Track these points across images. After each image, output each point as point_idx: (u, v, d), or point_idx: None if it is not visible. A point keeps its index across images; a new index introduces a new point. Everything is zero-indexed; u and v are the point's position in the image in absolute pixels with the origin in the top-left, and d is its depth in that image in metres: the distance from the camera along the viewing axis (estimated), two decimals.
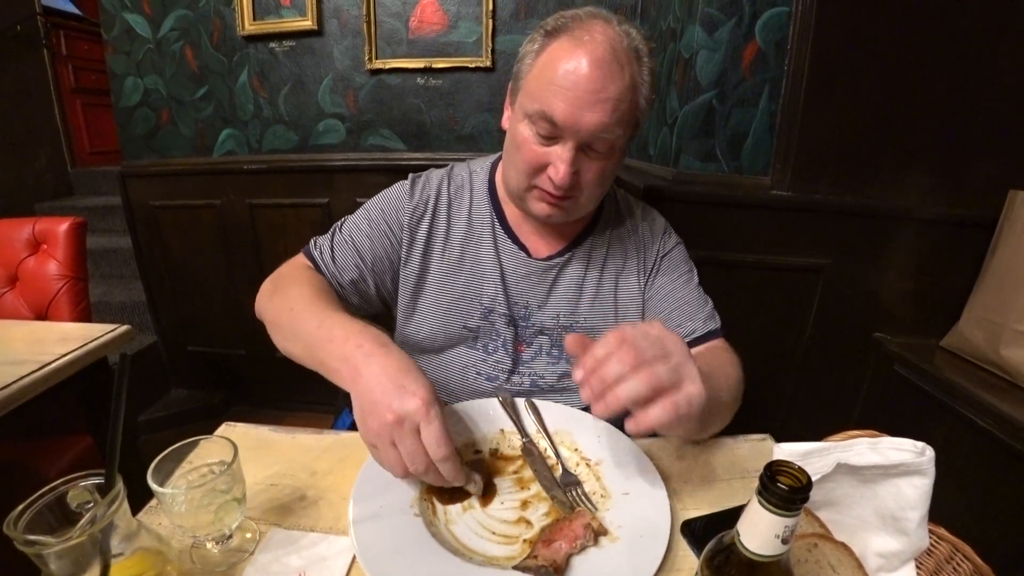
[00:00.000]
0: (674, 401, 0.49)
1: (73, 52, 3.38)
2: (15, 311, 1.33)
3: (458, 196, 0.86)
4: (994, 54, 1.12)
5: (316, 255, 0.83)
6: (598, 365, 0.50)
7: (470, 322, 0.83)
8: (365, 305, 0.87)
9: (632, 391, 0.48)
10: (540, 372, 0.83)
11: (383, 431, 0.52)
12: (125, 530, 0.40)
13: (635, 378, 0.48)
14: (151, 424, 2.17)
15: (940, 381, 1.12)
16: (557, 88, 0.67)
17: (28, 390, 0.85)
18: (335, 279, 0.82)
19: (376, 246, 0.82)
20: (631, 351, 0.49)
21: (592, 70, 0.66)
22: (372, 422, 0.53)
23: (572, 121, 0.67)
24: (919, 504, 0.48)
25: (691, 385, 0.50)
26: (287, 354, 0.70)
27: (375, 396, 0.53)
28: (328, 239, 0.84)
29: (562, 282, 0.84)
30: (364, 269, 0.82)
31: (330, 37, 1.83)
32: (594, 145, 0.70)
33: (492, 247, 0.84)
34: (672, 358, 0.50)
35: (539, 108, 0.68)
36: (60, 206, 3.06)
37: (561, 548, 0.49)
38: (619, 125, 0.69)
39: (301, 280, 0.76)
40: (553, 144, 0.71)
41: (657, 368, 0.49)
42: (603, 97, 0.67)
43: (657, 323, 0.54)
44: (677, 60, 1.30)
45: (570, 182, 0.71)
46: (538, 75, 0.70)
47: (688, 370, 0.51)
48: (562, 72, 0.67)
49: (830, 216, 1.23)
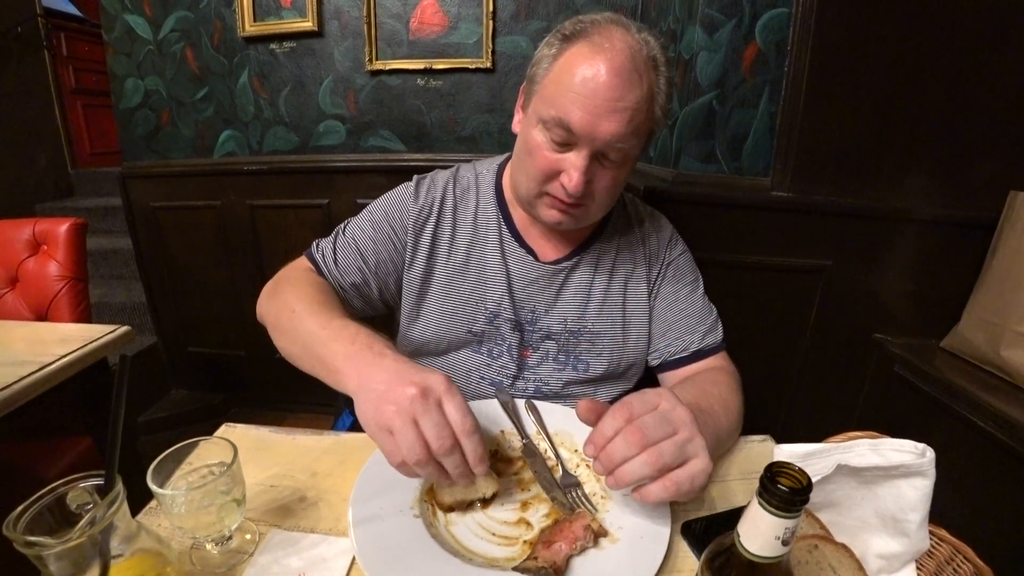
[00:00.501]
0: (676, 480, 0.50)
1: (74, 53, 3.39)
2: (15, 312, 1.33)
3: (464, 199, 0.85)
4: (994, 55, 1.12)
5: (318, 258, 0.82)
6: (606, 443, 0.51)
7: (475, 326, 0.82)
8: (367, 308, 0.86)
9: (637, 473, 0.50)
10: (545, 378, 0.83)
11: (404, 405, 0.49)
12: (125, 531, 0.40)
13: (640, 460, 0.50)
14: (151, 425, 2.16)
15: (940, 382, 1.12)
16: (575, 95, 0.66)
17: (28, 391, 0.84)
18: (337, 282, 0.81)
19: (379, 249, 0.82)
20: (637, 432, 0.50)
21: (611, 78, 0.65)
22: (391, 400, 0.50)
23: (589, 129, 0.66)
24: (920, 505, 0.48)
25: (696, 462, 0.51)
26: (287, 356, 0.69)
27: (392, 381, 0.52)
28: (331, 242, 0.84)
29: (569, 287, 0.84)
30: (367, 272, 0.81)
31: (330, 38, 1.83)
32: (608, 154, 0.69)
33: (498, 251, 0.83)
34: (679, 434, 0.51)
35: (555, 115, 0.67)
36: (60, 207, 3.06)
37: (561, 549, 0.49)
38: (635, 135, 0.69)
39: (303, 282, 0.75)
40: (567, 151, 0.70)
41: (663, 448, 0.50)
42: (621, 106, 0.65)
43: (666, 394, 0.54)
44: (677, 61, 1.30)
45: (583, 190, 0.70)
46: (555, 80, 0.69)
47: (694, 447, 0.51)
48: (580, 79, 0.65)
49: (830, 217, 1.23)
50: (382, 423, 0.50)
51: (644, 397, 0.54)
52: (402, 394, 0.50)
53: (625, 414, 0.52)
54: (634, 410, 0.52)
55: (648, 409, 0.53)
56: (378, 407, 0.51)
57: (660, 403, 0.53)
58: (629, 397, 0.55)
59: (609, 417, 0.53)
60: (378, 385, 0.52)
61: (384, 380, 0.52)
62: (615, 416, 0.52)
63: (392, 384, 0.51)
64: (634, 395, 0.55)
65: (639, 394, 0.55)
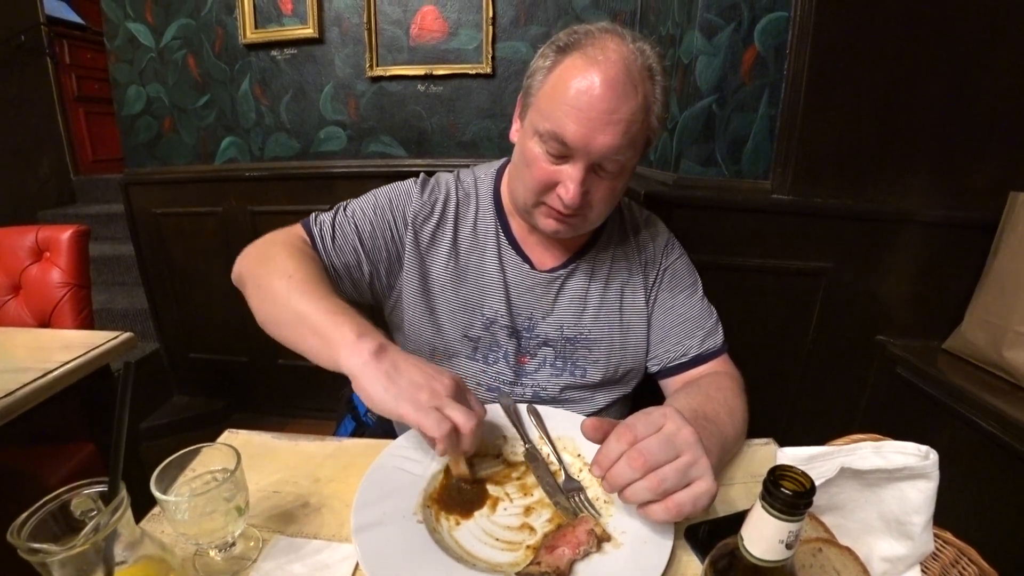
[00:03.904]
0: (678, 503, 0.50)
1: (76, 61, 3.41)
2: (18, 319, 1.33)
3: (466, 203, 0.85)
4: (992, 57, 1.13)
5: (315, 231, 0.80)
6: (611, 465, 0.52)
7: (471, 332, 0.82)
8: (355, 294, 0.84)
9: (640, 497, 0.50)
10: (543, 384, 0.83)
11: (423, 399, 0.55)
12: (128, 538, 0.40)
13: (642, 485, 0.50)
14: (153, 431, 2.16)
15: (943, 384, 1.12)
16: (569, 108, 0.65)
17: (31, 398, 0.85)
18: (330, 260, 0.79)
19: (377, 233, 0.80)
20: (640, 457, 0.50)
21: (605, 90, 0.64)
22: (426, 387, 0.56)
23: (584, 143, 0.66)
24: (924, 508, 0.48)
25: (700, 484, 0.51)
26: (266, 319, 0.69)
27: (423, 368, 0.58)
28: (330, 217, 0.82)
29: (566, 294, 0.84)
30: (361, 254, 0.80)
31: (331, 45, 1.84)
32: (605, 165, 0.69)
33: (496, 258, 0.83)
34: (683, 457, 0.51)
35: (550, 128, 0.67)
36: (63, 214, 3.08)
37: (564, 554, 0.49)
38: (631, 146, 0.68)
39: (298, 251, 0.74)
40: (563, 163, 0.70)
41: (665, 473, 0.50)
42: (616, 119, 0.65)
43: (672, 414, 0.54)
44: (676, 65, 1.30)
45: (580, 201, 0.70)
46: (549, 93, 0.69)
47: (698, 469, 0.51)
48: (574, 91, 0.65)
49: (831, 220, 1.23)
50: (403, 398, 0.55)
51: (649, 418, 0.53)
52: (430, 380, 0.57)
53: (629, 437, 0.52)
54: (638, 432, 0.52)
55: (652, 431, 0.52)
56: (416, 390, 0.56)
57: (665, 424, 0.53)
58: (634, 418, 0.54)
59: (613, 439, 0.52)
60: (408, 364, 0.58)
61: (412, 363, 0.58)
62: (619, 439, 0.52)
63: (428, 373, 0.58)
64: (639, 415, 0.55)
65: (644, 414, 0.54)
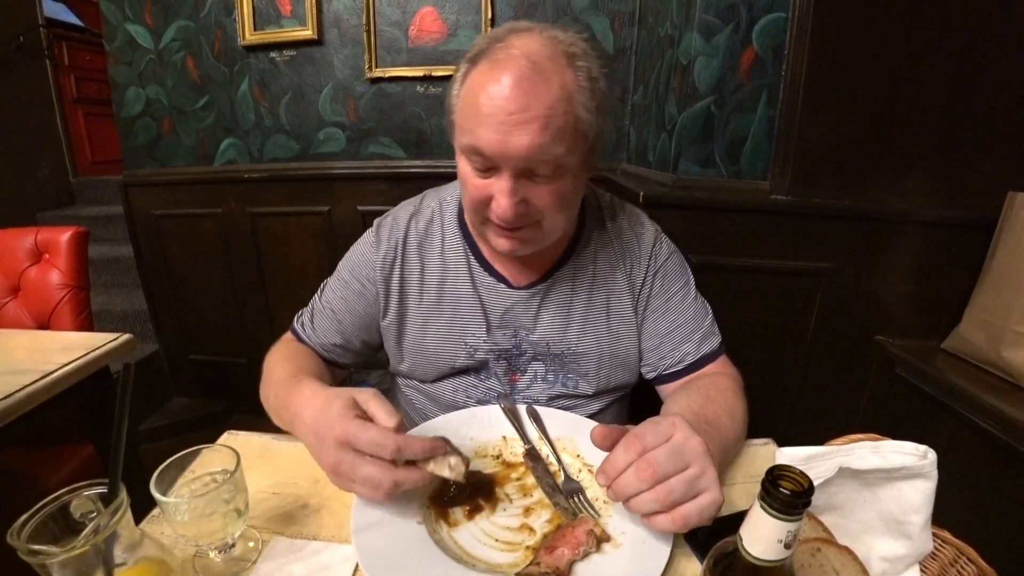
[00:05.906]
0: (684, 514, 0.49)
1: (75, 63, 3.41)
2: (17, 320, 1.33)
3: (428, 234, 0.83)
4: (991, 56, 1.13)
5: (299, 331, 0.86)
6: (618, 475, 0.51)
7: (457, 363, 0.81)
8: (360, 358, 0.89)
9: (647, 507, 0.50)
10: (536, 396, 0.82)
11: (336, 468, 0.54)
12: (128, 539, 0.40)
13: (649, 496, 0.50)
14: (152, 433, 2.16)
15: (942, 383, 1.12)
16: (481, 116, 0.62)
17: (30, 399, 0.85)
18: (321, 347, 0.85)
19: (353, 307, 0.84)
20: (648, 468, 0.50)
21: (511, 90, 0.60)
22: (325, 466, 0.56)
23: (500, 149, 0.62)
24: (922, 507, 0.48)
25: (706, 496, 0.50)
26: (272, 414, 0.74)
27: (314, 445, 0.58)
28: (309, 311, 0.87)
29: (548, 309, 0.80)
30: (345, 332, 0.85)
31: (330, 46, 1.84)
32: (536, 169, 0.64)
33: (470, 283, 0.81)
34: (690, 469, 0.51)
35: (468, 141, 0.64)
36: (62, 215, 3.08)
37: (564, 555, 0.49)
38: (557, 143, 0.62)
39: (283, 359, 0.79)
40: (491, 175, 0.66)
41: (673, 484, 0.50)
42: (529, 116, 0.60)
43: (680, 424, 0.53)
44: (675, 66, 1.30)
45: (516, 213, 0.65)
46: (463, 107, 0.66)
47: (705, 481, 0.51)
48: (483, 99, 0.62)
49: (830, 220, 1.23)
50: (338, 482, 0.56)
51: (658, 428, 0.53)
52: (327, 458, 0.55)
53: (638, 447, 0.51)
54: (647, 443, 0.51)
55: (661, 441, 0.51)
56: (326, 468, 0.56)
57: (674, 434, 0.52)
58: (642, 427, 0.54)
59: (621, 449, 0.52)
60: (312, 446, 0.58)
61: (310, 444, 0.59)
62: (628, 448, 0.52)
63: (315, 449, 0.57)
64: (648, 424, 0.54)
65: (652, 423, 0.54)
